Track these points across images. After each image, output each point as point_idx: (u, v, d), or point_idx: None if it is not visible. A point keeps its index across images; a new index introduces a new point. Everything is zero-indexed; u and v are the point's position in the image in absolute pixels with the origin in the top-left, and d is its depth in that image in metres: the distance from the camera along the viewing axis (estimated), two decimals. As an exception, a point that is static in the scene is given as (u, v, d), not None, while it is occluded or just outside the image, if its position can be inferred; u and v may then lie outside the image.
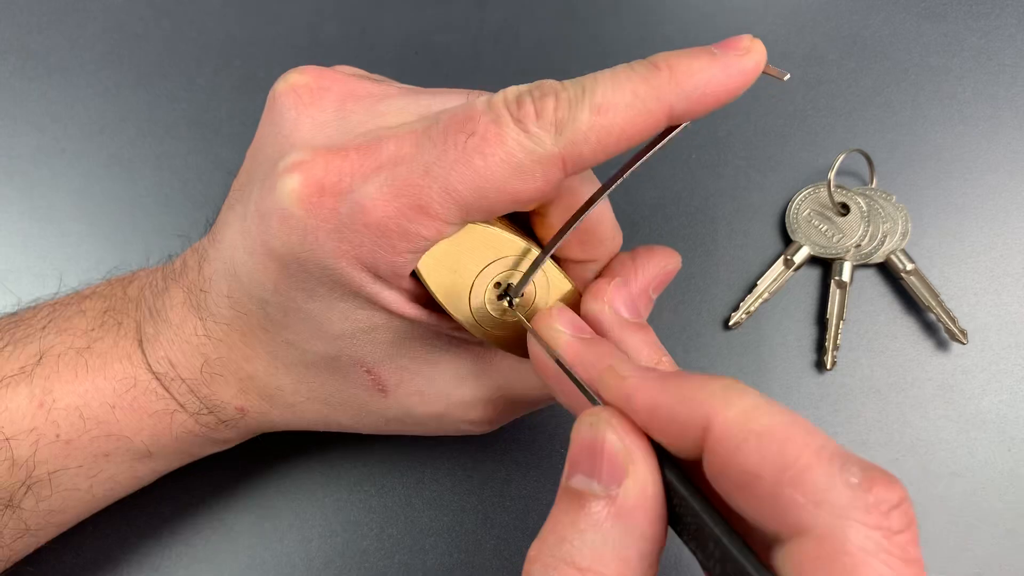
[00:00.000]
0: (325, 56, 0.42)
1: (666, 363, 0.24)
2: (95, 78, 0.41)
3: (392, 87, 0.26)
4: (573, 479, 0.19)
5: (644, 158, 0.23)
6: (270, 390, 0.27)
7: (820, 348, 0.35)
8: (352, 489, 0.34)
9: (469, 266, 0.24)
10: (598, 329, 0.25)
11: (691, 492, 0.18)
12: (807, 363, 0.35)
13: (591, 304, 0.25)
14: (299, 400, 0.27)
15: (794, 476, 0.16)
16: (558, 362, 0.22)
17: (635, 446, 0.19)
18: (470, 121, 0.22)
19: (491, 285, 0.25)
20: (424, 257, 0.23)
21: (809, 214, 0.37)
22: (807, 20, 0.41)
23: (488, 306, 0.25)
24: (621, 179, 0.23)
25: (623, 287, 0.25)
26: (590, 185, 0.25)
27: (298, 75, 0.25)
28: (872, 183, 0.38)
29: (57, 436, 0.26)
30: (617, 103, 0.21)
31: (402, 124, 0.23)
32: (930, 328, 0.36)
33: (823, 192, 0.37)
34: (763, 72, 0.22)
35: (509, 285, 0.25)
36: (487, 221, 0.24)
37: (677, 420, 0.18)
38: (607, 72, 0.22)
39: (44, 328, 0.27)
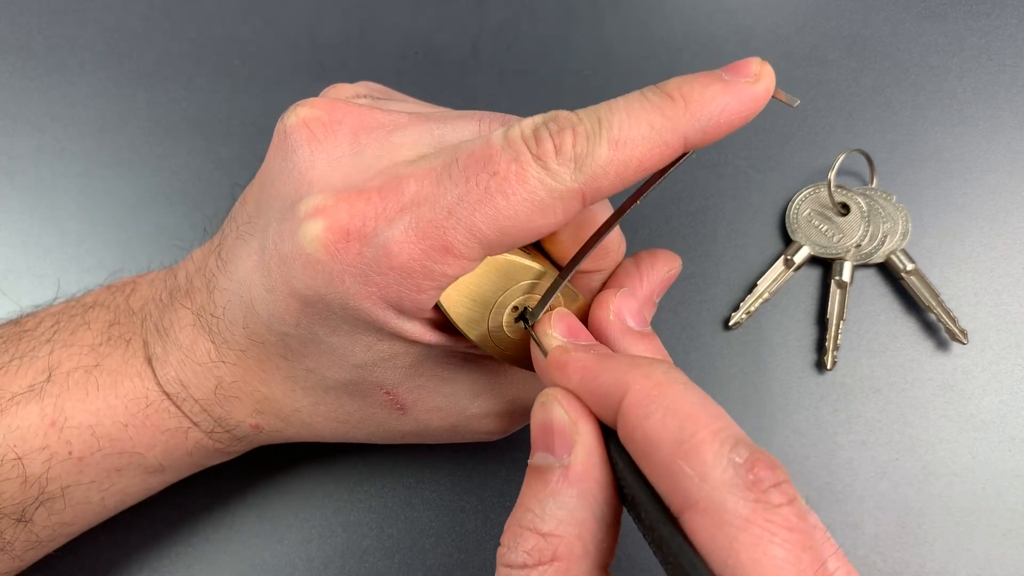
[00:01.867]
0: (325, 56, 0.42)
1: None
2: (95, 78, 0.41)
3: (402, 116, 0.25)
4: (534, 456, 0.21)
5: (657, 183, 0.24)
6: (287, 411, 0.27)
7: (820, 348, 0.35)
8: (352, 489, 0.34)
9: (488, 294, 0.25)
10: (604, 338, 0.25)
11: (625, 461, 0.20)
12: (807, 363, 0.35)
13: (598, 313, 0.26)
14: (316, 420, 0.28)
15: (687, 450, 0.18)
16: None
17: (579, 418, 0.21)
18: (490, 161, 0.22)
19: (509, 309, 0.25)
20: (446, 292, 0.24)
21: (809, 214, 0.37)
22: (807, 20, 0.41)
23: (506, 328, 0.26)
24: (635, 204, 0.24)
25: (629, 297, 0.26)
26: (602, 209, 0.25)
27: (308, 109, 0.25)
28: (872, 183, 0.38)
29: (70, 454, 0.26)
30: (634, 136, 0.22)
31: (420, 158, 0.23)
32: (930, 328, 0.36)
33: (823, 192, 0.37)
34: (773, 97, 0.23)
35: (526, 308, 0.25)
36: None
37: (601, 389, 0.20)
38: (621, 102, 0.22)
39: (49, 341, 0.27)
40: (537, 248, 0.27)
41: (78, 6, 0.43)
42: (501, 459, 0.34)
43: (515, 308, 0.25)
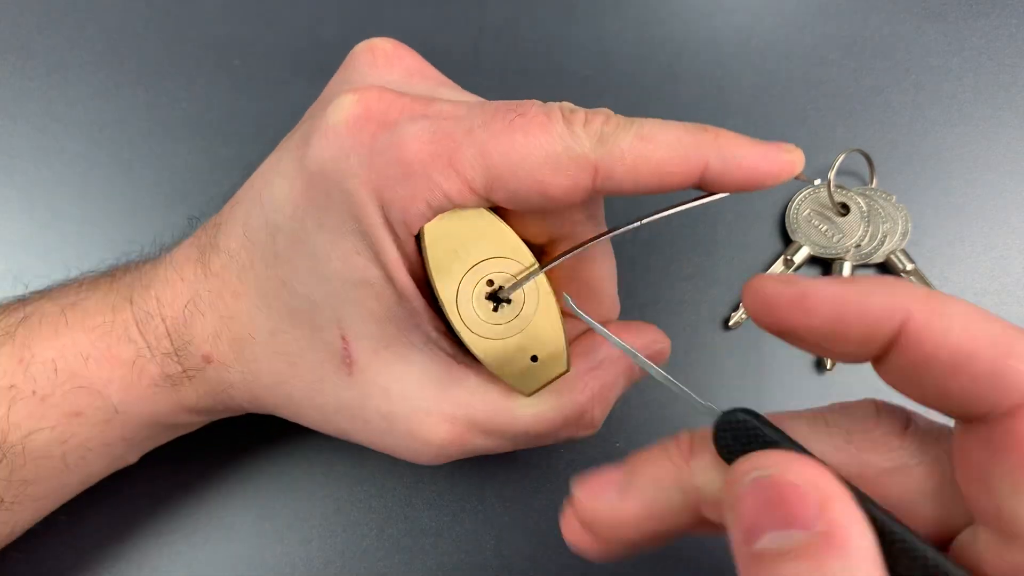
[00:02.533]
0: (325, 56, 0.41)
1: None
2: (95, 78, 0.41)
3: (456, 85, 0.28)
4: (760, 542, 0.17)
5: (663, 214, 0.24)
6: (243, 335, 0.27)
7: (820, 348, 0.35)
8: (352, 489, 0.34)
9: (472, 252, 0.24)
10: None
11: (885, 512, 0.18)
12: (807, 363, 0.35)
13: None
14: (265, 354, 0.27)
15: (1009, 347, 0.17)
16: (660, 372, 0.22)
17: (820, 476, 0.17)
18: (522, 105, 0.23)
19: (484, 280, 0.25)
20: (433, 223, 0.24)
21: (809, 214, 0.37)
22: (807, 20, 0.41)
23: (474, 300, 0.25)
24: (639, 224, 0.24)
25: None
26: (600, 230, 0.27)
27: (380, 40, 0.28)
28: (872, 183, 0.38)
29: (33, 392, 0.26)
30: (660, 139, 0.23)
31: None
32: (930, 328, 0.36)
33: (823, 192, 0.37)
34: (795, 176, 0.24)
35: (501, 287, 0.25)
36: (504, 220, 0.25)
37: (869, 313, 0.18)
38: (658, 119, 0.24)
39: (38, 298, 0.28)
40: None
41: (78, 6, 0.43)
42: (501, 459, 0.34)
43: (490, 282, 0.25)
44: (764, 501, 0.17)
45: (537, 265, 0.25)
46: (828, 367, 0.35)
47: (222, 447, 0.32)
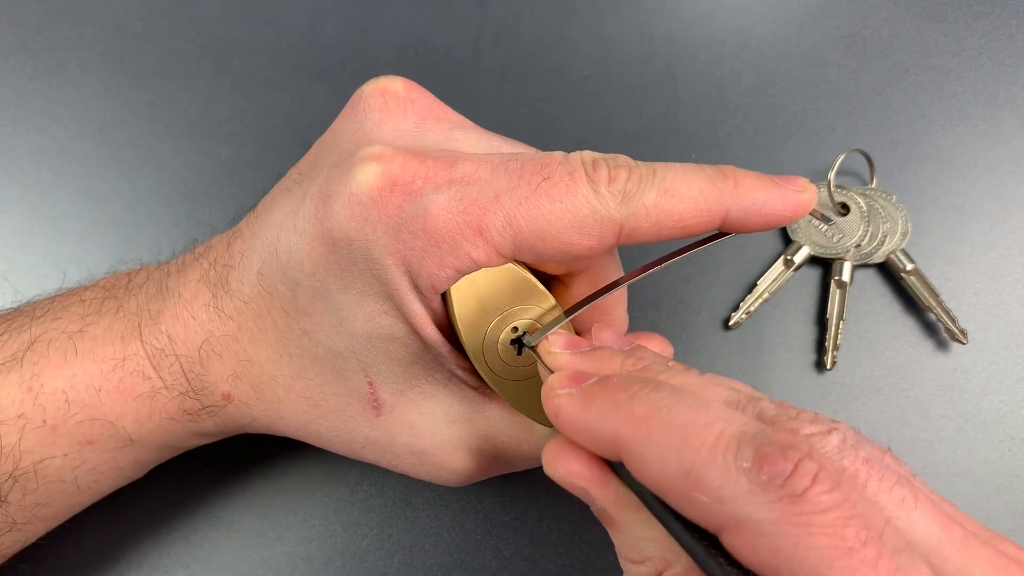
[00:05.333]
0: (325, 56, 0.42)
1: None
2: (95, 78, 0.41)
3: (468, 121, 0.28)
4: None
5: (681, 255, 0.25)
6: (265, 379, 0.27)
7: (820, 348, 0.35)
8: (352, 489, 0.34)
9: (496, 304, 0.25)
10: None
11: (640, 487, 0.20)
12: (807, 363, 0.35)
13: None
14: (290, 397, 0.27)
15: (694, 479, 0.17)
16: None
17: (578, 479, 0.21)
18: (547, 167, 0.23)
19: (509, 328, 0.26)
20: (459, 281, 0.24)
21: (809, 214, 0.37)
22: (807, 20, 0.41)
23: (500, 348, 0.26)
24: (658, 268, 0.25)
25: (605, 328, 0.27)
26: (617, 268, 0.27)
27: (389, 81, 0.27)
28: (872, 183, 0.38)
29: (44, 421, 0.26)
30: (683, 193, 0.23)
31: (477, 154, 0.25)
32: (930, 328, 0.36)
33: (823, 192, 0.37)
34: (810, 214, 0.25)
35: (525, 334, 0.26)
36: (524, 267, 0.25)
37: (595, 440, 0.20)
38: (678, 165, 0.24)
39: (41, 318, 0.27)
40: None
41: (78, 6, 0.43)
42: (501, 459, 0.34)
43: (514, 329, 0.26)
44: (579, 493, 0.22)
45: (562, 312, 0.26)
46: (828, 367, 0.35)
47: (222, 448, 0.32)
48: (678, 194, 0.23)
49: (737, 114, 0.39)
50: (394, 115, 0.26)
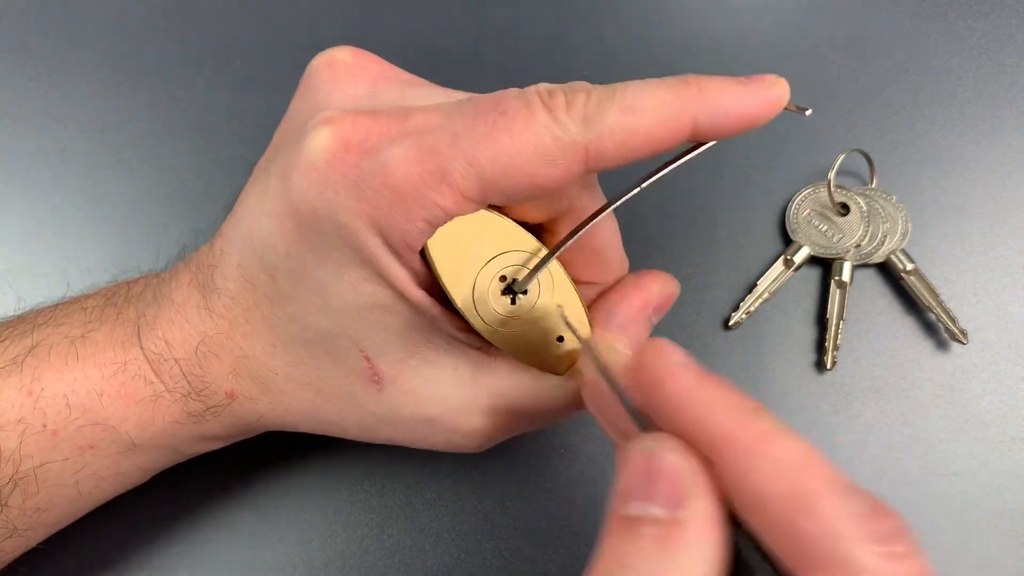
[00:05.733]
0: (325, 56, 0.42)
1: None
2: (95, 78, 0.41)
3: (423, 80, 0.27)
4: (629, 506, 0.18)
5: (661, 173, 0.24)
6: (263, 371, 0.27)
7: (820, 348, 0.35)
8: (352, 489, 0.34)
9: (478, 253, 0.24)
10: (654, 384, 0.23)
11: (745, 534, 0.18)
12: (807, 363, 0.35)
13: (650, 358, 0.23)
14: (291, 386, 0.27)
15: (805, 505, 0.17)
16: (612, 384, 0.21)
17: (699, 469, 0.18)
18: (502, 102, 0.22)
19: (496, 277, 0.25)
20: (435, 236, 0.23)
21: (809, 214, 0.37)
22: (807, 20, 0.41)
23: (491, 298, 0.25)
24: (639, 189, 0.24)
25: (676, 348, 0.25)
26: (600, 203, 0.26)
27: (337, 51, 0.26)
28: (872, 183, 0.38)
29: (44, 426, 0.25)
30: (645, 107, 0.22)
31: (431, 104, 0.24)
32: (930, 328, 0.36)
33: (823, 192, 0.37)
34: (785, 108, 0.23)
35: (515, 280, 0.25)
36: (501, 213, 0.24)
37: (700, 426, 0.18)
38: (638, 80, 0.23)
39: (43, 324, 0.27)
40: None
41: (78, 6, 0.43)
42: (501, 459, 0.34)
43: (503, 278, 0.25)
44: (641, 470, 0.18)
45: (546, 251, 0.25)
46: (828, 367, 0.35)
47: (223, 448, 0.32)
48: (640, 108, 0.22)
49: (737, 114, 0.39)
50: (344, 83, 0.26)
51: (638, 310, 0.27)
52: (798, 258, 0.36)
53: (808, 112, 0.24)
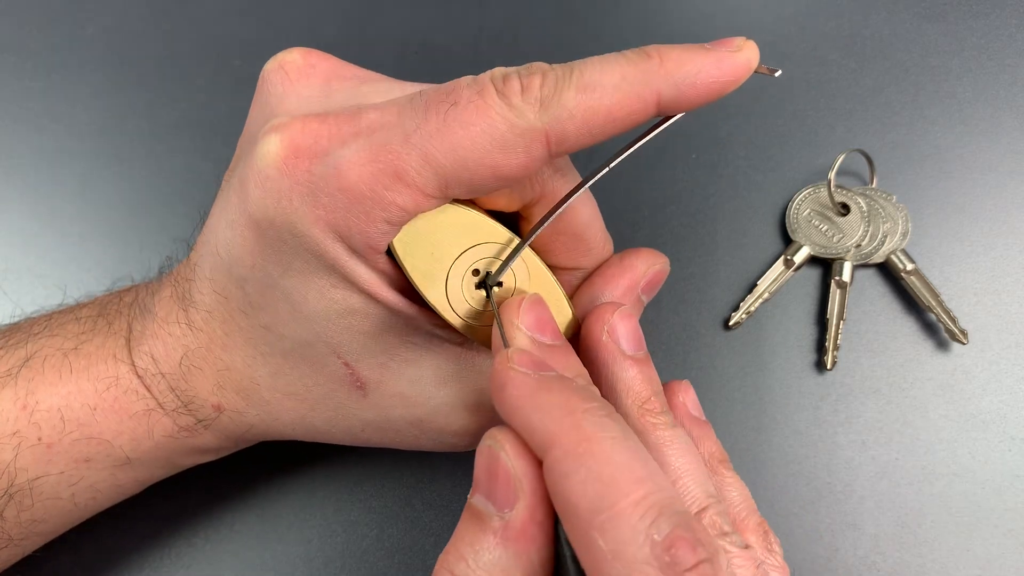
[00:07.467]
0: (325, 56, 0.42)
1: (654, 402, 0.24)
2: (95, 78, 0.41)
3: (377, 75, 0.26)
4: (474, 497, 0.20)
5: (632, 148, 0.23)
6: (246, 383, 0.26)
7: (820, 348, 0.35)
8: (352, 489, 0.34)
9: (448, 249, 0.24)
10: (594, 356, 0.24)
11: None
12: (807, 363, 0.35)
13: (592, 329, 0.25)
14: (275, 396, 0.27)
15: (603, 521, 0.17)
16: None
17: (526, 473, 0.19)
18: (453, 93, 0.22)
19: (469, 272, 0.24)
20: (400, 234, 0.23)
21: (809, 214, 0.37)
22: (807, 20, 0.41)
23: (465, 293, 0.24)
24: (609, 168, 0.23)
25: (627, 317, 0.25)
26: (572, 185, 0.25)
27: (287, 53, 0.26)
28: (872, 183, 0.38)
29: (39, 439, 0.25)
30: (604, 84, 0.21)
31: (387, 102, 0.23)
32: (930, 328, 0.36)
33: (823, 192, 0.37)
34: (755, 71, 0.22)
35: (488, 273, 0.24)
36: (470, 206, 0.24)
37: (530, 429, 0.19)
38: (597, 57, 0.22)
39: (38, 334, 0.27)
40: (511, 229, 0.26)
41: (78, 6, 0.43)
42: (501, 459, 0.34)
43: (476, 272, 0.24)
44: (483, 467, 0.20)
45: (518, 241, 0.24)
46: (828, 367, 0.35)
47: (222, 447, 0.32)
48: (600, 86, 0.21)
49: (737, 114, 0.39)
50: (296, 85, 0.25)
51: (624, 292, 0.27)
52: (798, 258, 0.36)
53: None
